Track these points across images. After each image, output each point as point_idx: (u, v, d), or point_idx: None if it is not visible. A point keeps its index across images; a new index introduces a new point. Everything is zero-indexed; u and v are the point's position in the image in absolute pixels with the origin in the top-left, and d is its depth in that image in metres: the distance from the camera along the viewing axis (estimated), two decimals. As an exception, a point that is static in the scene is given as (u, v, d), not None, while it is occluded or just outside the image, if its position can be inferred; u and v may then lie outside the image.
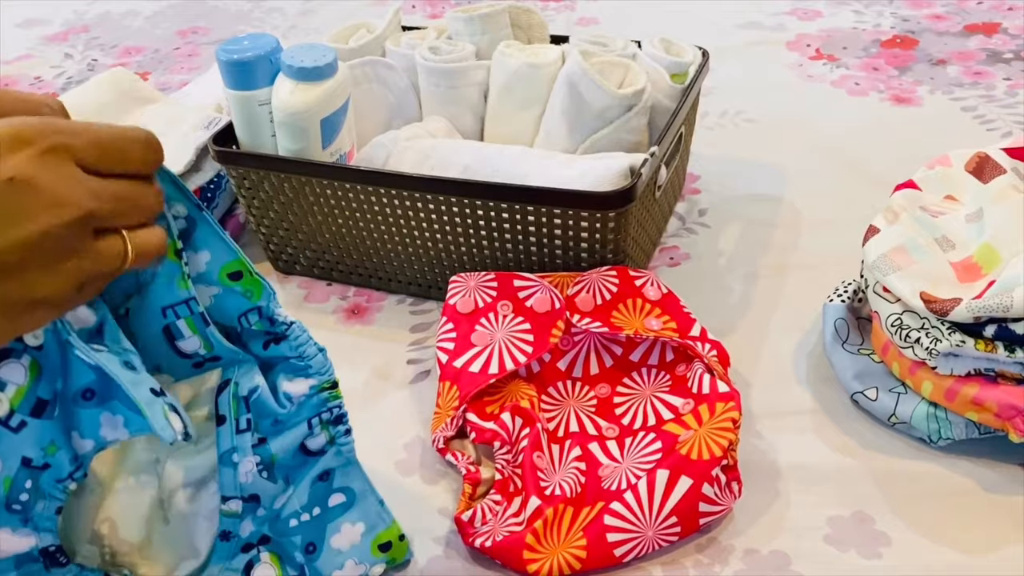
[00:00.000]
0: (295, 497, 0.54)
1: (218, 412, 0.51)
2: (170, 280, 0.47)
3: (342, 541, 0.55)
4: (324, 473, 0.54)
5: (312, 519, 0.54)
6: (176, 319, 0.48)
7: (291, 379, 0.52)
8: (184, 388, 0.51)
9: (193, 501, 0.53)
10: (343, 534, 0.54)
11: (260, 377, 0.51)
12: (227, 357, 0.50)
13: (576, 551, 0.57)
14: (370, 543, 0.55)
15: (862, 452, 0.64)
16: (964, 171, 0.69)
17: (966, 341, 0.59)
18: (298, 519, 0.54)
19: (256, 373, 0.51)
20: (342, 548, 0.55)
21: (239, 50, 0.74)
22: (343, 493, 0.55)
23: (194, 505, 0.53)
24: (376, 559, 0.55)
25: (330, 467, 0.54)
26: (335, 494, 0.55)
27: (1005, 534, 0.58)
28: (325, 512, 0.54)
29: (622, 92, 0.75)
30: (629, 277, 0.70)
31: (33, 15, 1.43)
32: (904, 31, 1.20)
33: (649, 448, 0.62)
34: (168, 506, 0.53)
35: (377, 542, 0.55)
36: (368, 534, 0.55)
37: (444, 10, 1.35)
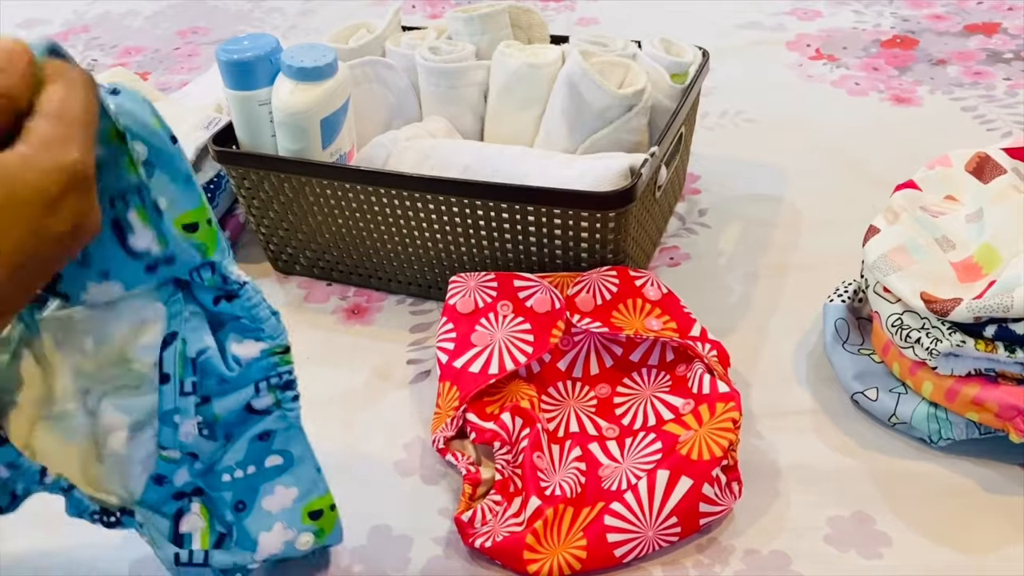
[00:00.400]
0: (231, 452, 0.52)
1: (162, 369, 0.49)
2: (115, 165, 0.43)
3: (273, 503, 0.53)
4: (265, 433, 0.52)
5: (246, 477, 0.52)
6: (126, 209, 0.44)
7: (241, 341, 0.50)
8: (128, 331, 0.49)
9: (129, 444, 0.51)
10: (275, 496, 0.53)
11: (210, 338, 0.49)
12: (182, 261, 0.47)
13: (576, 551, 0.57)
14: (301, 508, 0.53)
15: (862, 452, 0.64)
16: (964, 171, 0.69)
17: (966, 341, 0.59)
18: (231, 475, 0.52)
19: (206, 332, 0.49)
20: (272, 510, 0.53)
21: (239, 50, 0.74)
22: (281, 456, 0.53)
23: (130, 449, 0.51)
24: (305, 526, 0.54)
25: (272, 429, 0.52)
26: (273, 455, 0.53)
27: (1005, 534, 0.58)
28: (260, 472, 0.53)
29: (622, 92, 0.75)
30: (629, 277, 0.70)
31: (33, 15, 1.43)
32: (904, 31, 1.20)
33: (649, 448, 0.62)
34: (103, 444, 0.51)
35: (308, 509, 0.54)
36: (301, 500, 0.53)
37: (444, 10, 1.35)
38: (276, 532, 0.53)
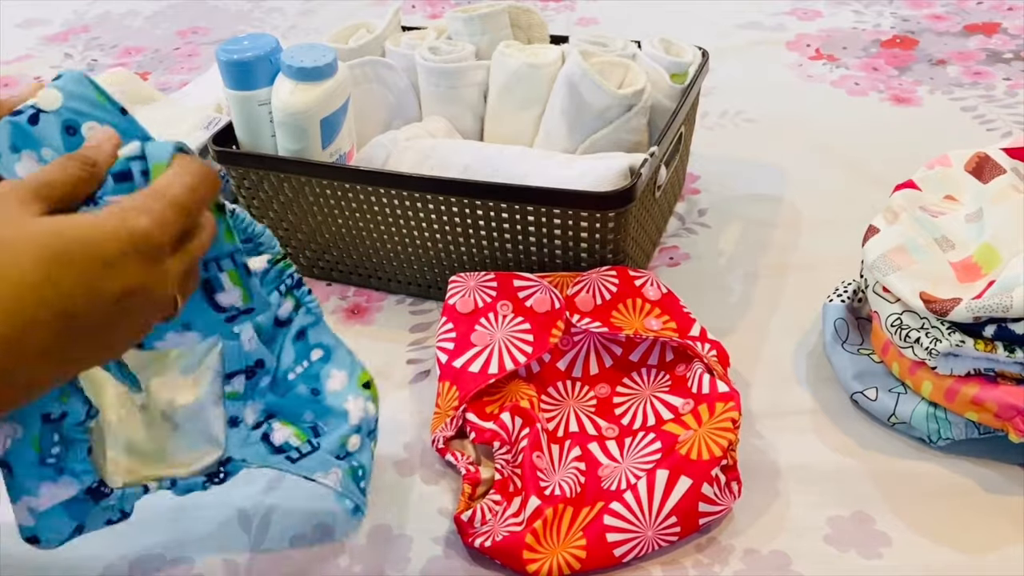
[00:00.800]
0: (284, 356, 0.58)
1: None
2: (216, 234, 0.47)
3: (335, 384, 0.59)
4: (300, 332, 0.59)
5: (304, 371, 0.59)
6: (219, 272, 0.48)
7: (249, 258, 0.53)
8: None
9: (197, 394, 0.57)
10: (333, 379, 0.59)
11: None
12: (259, 308, 0.50)
13: (576, 551, 0.57)
14: (356, 383, 0.59)
15: (862, 452, 0.64)
16: (964, 171, 0.69)
17: (966, 341, 0.59)
18: (295, 372, 0.59)
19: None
20: (338, 390, 0.59)
21: (239, 50, 0.74)
22: (320, 348, 0.59)
23: (199, 398, 0.57)
24: (364, 395, 0.59)
25: (303, 326, 0.59)
26: (314, 349, 0.59)
27: (1005, 534, 0.58)
28: (311, 365, 0.59)
29: (622, 92, 0.75)
30: (629, 277, 0.70)
31: (33, 15, 1.43)
32: (904, 31, 1.20)
33: (649, 448, 0.62)
34: (172, 413, 0.57)
35: (360, 382, 0.60)
36: (351, 377, 0.59)
37: (444, 10, 1.35)
38: (351, 403, 0.59)
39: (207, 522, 0.63)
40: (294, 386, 0.59)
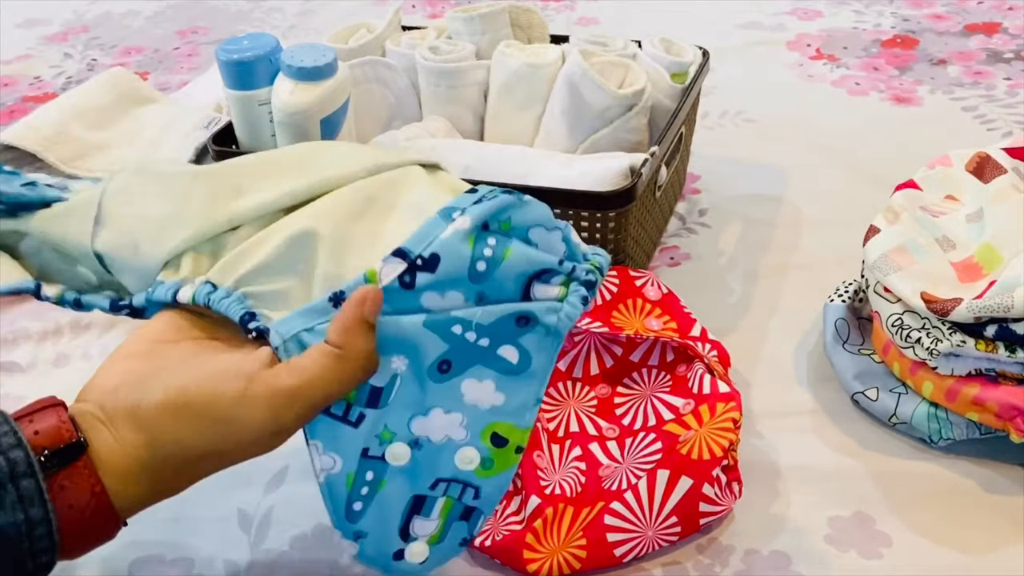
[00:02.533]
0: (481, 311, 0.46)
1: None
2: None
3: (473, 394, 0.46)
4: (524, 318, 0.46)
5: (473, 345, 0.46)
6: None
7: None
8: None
9: None
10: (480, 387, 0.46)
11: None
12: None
13: (576, 551, 0.56)
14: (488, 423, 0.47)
15: (862, 452, 0.64)
16: (964, 171, 0.69)
17: (967, 341, 0.59)
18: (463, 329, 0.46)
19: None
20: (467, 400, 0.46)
21: (239, 50, 0.74)
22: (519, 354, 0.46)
23: None
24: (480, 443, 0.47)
25: (536, 316, 0.46)
26: (511, 347, 0.46)
27: (1006, 534, 0.58)
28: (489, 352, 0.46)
29: (622, 92, 0.75)
30: (629, 277, 0.70)
31: (33, 15, 1.43)
32: (904, 31, 1.20)
33: (649, 448, 0.62)
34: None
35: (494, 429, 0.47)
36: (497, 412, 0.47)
37: (444, 10, 1.35)
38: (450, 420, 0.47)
39: (207, 522, 0.63)
40: (439, 331, 0.45)
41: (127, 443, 0.42)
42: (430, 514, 0.47)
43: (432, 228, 0.45)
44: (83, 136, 0.87)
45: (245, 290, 0.46)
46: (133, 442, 0.42)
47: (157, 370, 0.44)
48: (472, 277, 0.45)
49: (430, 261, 0.44)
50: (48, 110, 0.90)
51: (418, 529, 0.47)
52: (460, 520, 0.47)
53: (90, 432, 0.42)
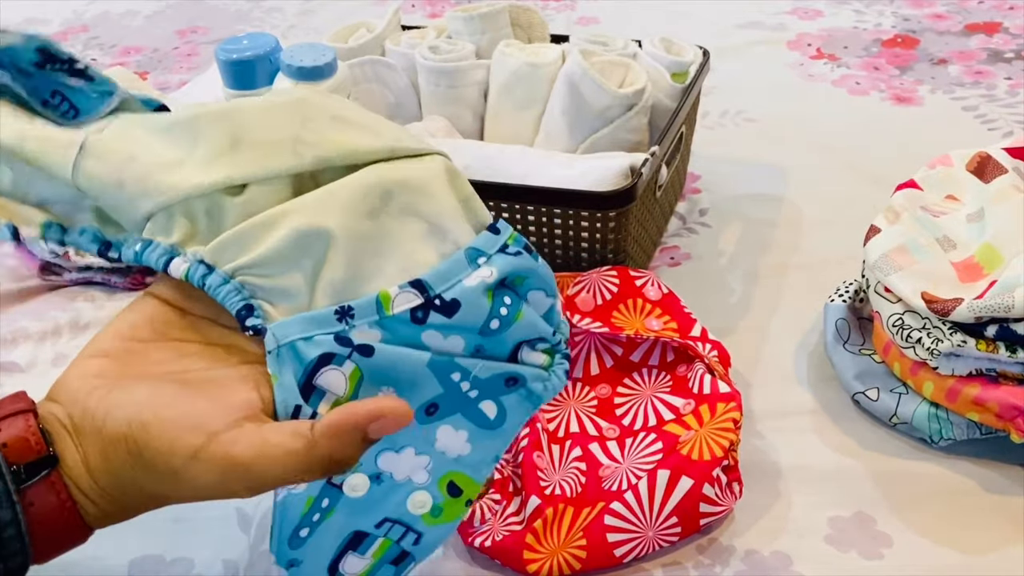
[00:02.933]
0: (481, 365, 0.45)
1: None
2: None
3: (445, 439, 0.46)
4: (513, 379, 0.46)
5: (461, 395, 0.45)
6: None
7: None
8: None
9: None
10: (453, 436, 0.45)
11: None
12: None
13: (576, 551, 0.56)
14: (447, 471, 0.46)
15: (863, 452, 0.64)
16: (965, 171, 0.69)
17: (967, 341, 0.59)
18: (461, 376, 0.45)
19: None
20: (438, 445, 0.46)
21: (238, 49, 0.74)
22: (498, 410, 0.46)
23: None
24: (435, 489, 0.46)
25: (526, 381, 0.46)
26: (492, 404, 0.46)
27: (1007, 534, 0.58)
28: (471, 404, 0.46)
29: (622, 92, 0.75)
30: (629, 277, 0.70)
31: (33, 15, 1.43)
32: (905, 30, 1.20)
33: (650, 448, 0.62)
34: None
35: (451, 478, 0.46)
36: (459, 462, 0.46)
37: (444, 9, 1.35)
38: (416, 462, 0.46)
39: (207, 522, 0.63)
40: (440, 374, 0.44)
41: (92, 466, 0.41)
42: (365, 552, 0.45)
43: (456, 269, 0.44)
44: (83, 136, 0.87)
45: (244, 279, 0.43)
46: (96, 466, 0.41)
47: (128, 381, 0.42)
48: (482, 331, 0.44)
49: (450, 305, 0.43)
50: (48, 110, 0.90)
51: (348, 567, 0.45)
52: (390, 564, 0.46)
53: (59, 444, 0.41)
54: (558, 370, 0.46)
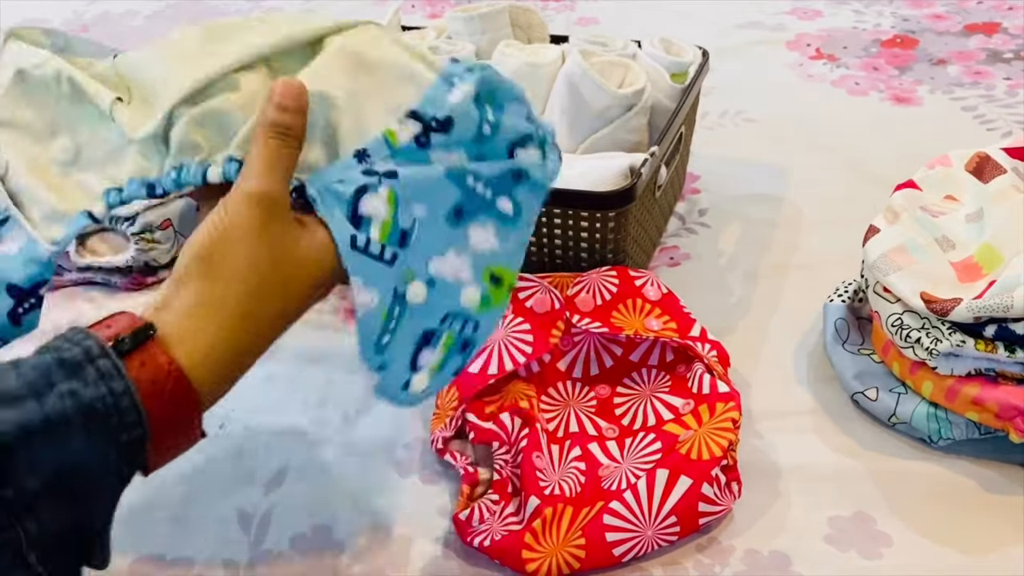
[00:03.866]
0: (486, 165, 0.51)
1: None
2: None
3: (477, 237, 0.51)
4: (519, 173, 0.52)
5: (478, 196, 0.51)
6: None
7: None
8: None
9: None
10: (483, 231, 0.51)
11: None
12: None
13: (575, 550, 0.56)
14: (487, 265, 0.52)
15: (862, 452, 0.64)
16: (964, 171, 0.69)
17: (966, 341, 0.59)
18: (474, 180, 0.51)
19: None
20: (472, 243, 0.51)
21: (239, 50, 0.74)
22: (513, 205, 0.52)
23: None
24: (481, 281, 0.52)
25: (529, 173, 0.52)
26: (507, 199, 0.52)
27: (1006, 534, 0.58)
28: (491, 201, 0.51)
29: (622, 92, 0.75)
30: (629, 277, 0.70)
31: (33, 15, 1.43)
32: (904, 31, 1.20)
33: (649, 448, 0.62)
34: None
35: (493, 271, 0.52)
36: (494, 256, 0.52)
37: (444, 10, 1.35)
38: (459, 261, 0.51)
39: (207, 522, 0.63)
40: (455, 182, 0.50)
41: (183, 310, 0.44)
42: (436, 346, 0.51)
43: (440, 92, 0.49)
44: (83, 136, 0.87)
45: None
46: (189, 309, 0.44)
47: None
48: (477, 139, 0.50)
49: (444, 123, 0.49)
50: (48, 110, 0.90)
51: (424, 360, 0.51)
52: (458, 353, 0.51)
53: (155, 317, 0.44)
54: (551, 156, 0.53)
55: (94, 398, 0.38)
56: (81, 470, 0.38)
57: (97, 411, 0.38)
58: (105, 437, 0.39)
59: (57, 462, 0.37)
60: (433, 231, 0.50)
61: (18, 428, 0.36)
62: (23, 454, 0.36)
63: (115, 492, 0.41)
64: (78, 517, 0.38)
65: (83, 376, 0.39)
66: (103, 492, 0.40)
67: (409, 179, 0.49)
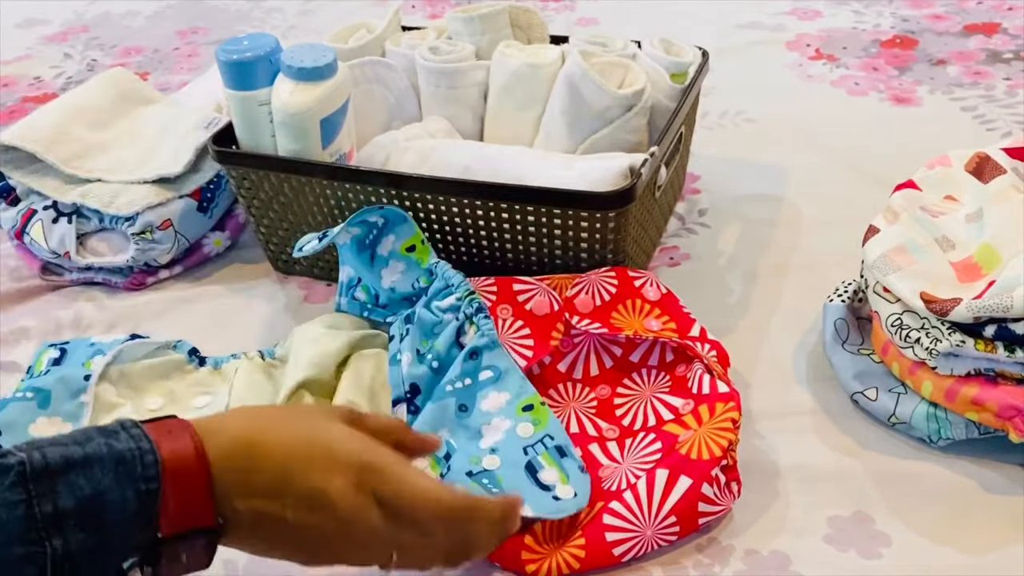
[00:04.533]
0: (451, 371, 0.64)
1: (390, 335, 0.69)
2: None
3: (490, 404, 0.62)
4: (473, 352, 0.64)
5: (464, 387, 0.63)
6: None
7: (442, 299, 0.68)
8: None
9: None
10: (490, 399, 0.63)
11: (420, 307, 0.68)
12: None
13: (575, 551, 0.57)
14: (515, 407, 0.62)
15: (862, 452, 0.64)
16: (964, 171, 0.69)
17: (966, 341, 0.59)
18: (453, 386, 0.63)
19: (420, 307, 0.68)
20: (491, 410, 0.62)
21: (239, 50, 0.74)
22: (491, 370, 0.64)
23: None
24: (520, 418, 0.61)
25: (477, 346, 0.64)
26: (484, 371, 0.64)
27: (1005, 534, 0.58)
28: (475, 383, 0.64)
29: (622, 92, 0.75)
30: (628, 278, 0.70)
31: (33, 15, 1.43)
32: (904, 31, 1.20)
33: (649, 448, 0.62)
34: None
35: (521, 405, 0.62)
36: (513, 401, 0.63)
37: (444, 10, 1.35)
38: (495, 424, 0.62)
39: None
40: (444, 398, 0.63)
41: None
42: (542, 467, 0.60)
43: (394, 372, 0.65)
44: (83, 136, 0.87)
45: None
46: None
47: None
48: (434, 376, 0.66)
49: (414, 388, 0.65)
50: (48, 110, 0.90)
51: (546, 478, 0.59)
52: (560, 457, 0.60)
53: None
54: (482, 323, 0.66)
55: (124, 449, 0.44)
56: (107, 502, 0.43)
57: (125, 458, 0.44)
58: (128, 480, 0.43)
59: (89, 490, 0.42)
60: (461, 432, 0.62)
61: (63, 459, 0.42)
62: (63, 478, 0.42)
63: (129, 536, 0.44)
64: (97, 545, 0.43)
65: (117, 435, 0.45)
66: (121, 528, 0.43)
67: (419, 426, 0.61)
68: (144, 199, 0.82)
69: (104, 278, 0.85)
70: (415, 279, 0.71)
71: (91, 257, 0.84)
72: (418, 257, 0.71)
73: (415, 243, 0.71)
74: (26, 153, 0.85)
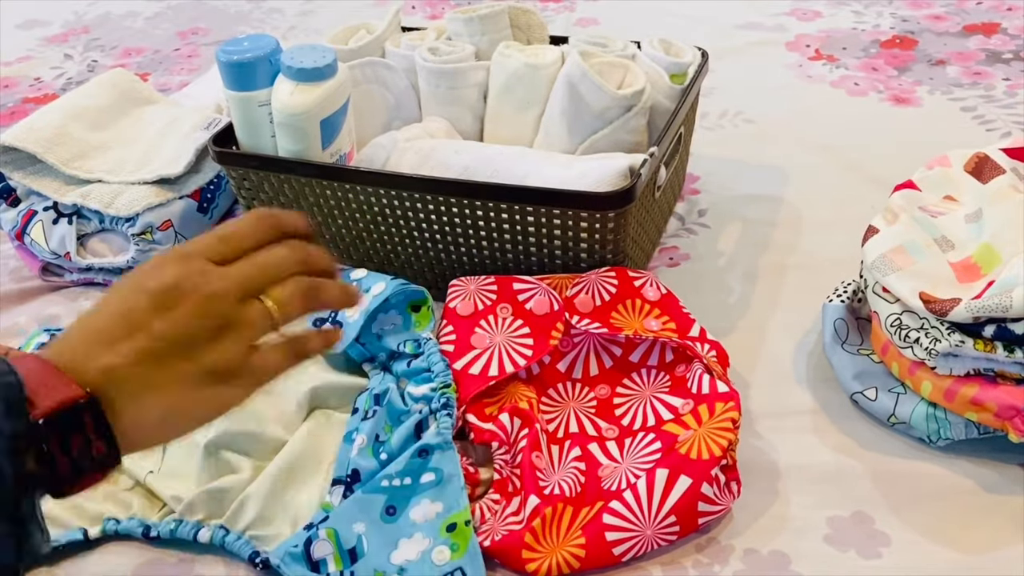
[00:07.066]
0: (393, 465, 0.60)
1: (354, 406, 0.67)
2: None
3: (419, 515, 0.59)
4: (423, 450, 0.61)
5: (401, 487, 0.60)
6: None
7: (418, 385, 0.65)
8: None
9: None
10: (421, 509, 0.59)
11: (393, 387, 0.66)
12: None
13: (575, 550, 0.57)
14: (441, 523, 0.58)
15: (862, 452, 0.64)
16: (963, 171, 0.69)
17: (965, 341, 0.59)
18: (390, 482, 0.60)
19: (392, 384, 0.67)
20: (417, 521, 0.59)
21: (239, 51, 0.74)
22: (434, 473, 0.60)
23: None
24: (441, 539, 0.58)
25: (429, 444, 0.61)
26: (427, 472, 0.60)
27: (1005, 534, 0.58)
28: (414, 485, 0.60)
29: (622, 93, 0.75)
30: (628, 278, 0.70)
31: (33, 16, 1.43)
32: (903, 31, 1.20)
33: (649, 448, 0.62)
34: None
35: (446, 523, 0.58)
36: (443, 514, 0.59)
37: (444, 11, 1.35)
38: (415, 541, 0.58)
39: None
40: (376, 492, 0.60)
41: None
42: None
43: (344, 452, 0.64)
44: (83, 137, 0.87)
45: (250, 534, 0.61)
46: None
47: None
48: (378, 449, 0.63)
49: (355, 472, 0.62)
50: (48, 111, 0.90)
51: None
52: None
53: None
54: (441, 418, 0.63)
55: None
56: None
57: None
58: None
59: None
60: (378, 535, 0.58)
61: None
62: None
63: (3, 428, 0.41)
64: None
65: None
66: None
67: (340, 511, 0.59)
68: (144, 200, 0.82)
69: (105, 279, 0.85)
70: (403, 341, 0.69)
71: (91, 258, 0.84)
72: (418, 319, 0.70)
73: (423, 305, 0.70)
74: (26, 154, 0.85)
